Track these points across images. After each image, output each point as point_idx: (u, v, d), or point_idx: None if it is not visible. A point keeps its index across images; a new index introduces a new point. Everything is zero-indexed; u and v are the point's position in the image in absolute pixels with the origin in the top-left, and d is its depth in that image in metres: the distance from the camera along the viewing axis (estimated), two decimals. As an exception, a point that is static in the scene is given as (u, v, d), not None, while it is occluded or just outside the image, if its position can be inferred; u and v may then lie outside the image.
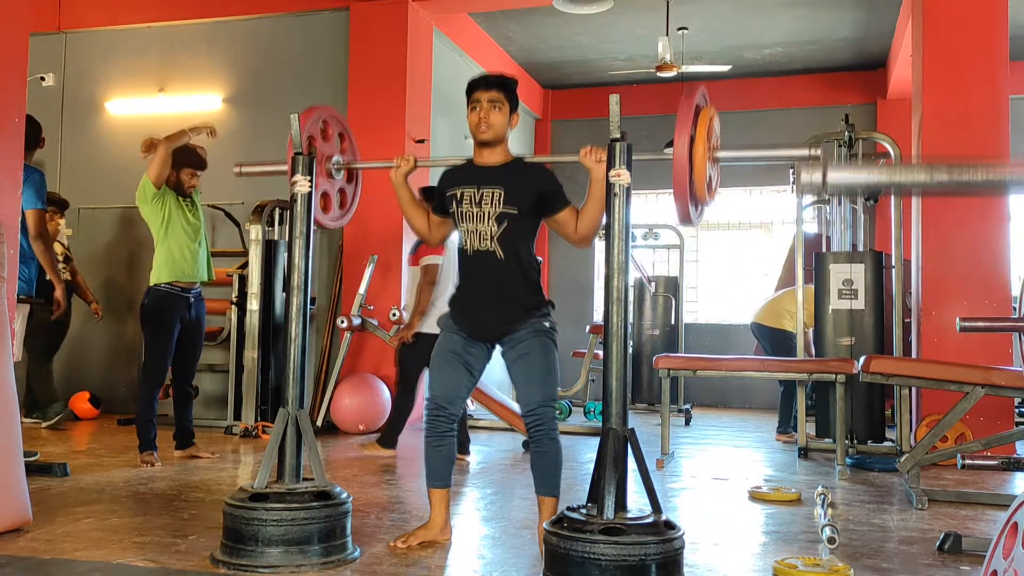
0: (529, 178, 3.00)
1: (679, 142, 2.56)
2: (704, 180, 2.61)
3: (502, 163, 3.03)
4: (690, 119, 2.59)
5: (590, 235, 2.96)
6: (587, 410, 7.79)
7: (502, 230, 2.94)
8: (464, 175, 3.06)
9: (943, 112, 5.79)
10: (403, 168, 3.15)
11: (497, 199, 2.95)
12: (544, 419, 2.92)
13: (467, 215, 2.98)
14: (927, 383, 4.28)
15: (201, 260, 4.96)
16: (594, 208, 2.86)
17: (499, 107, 2.98)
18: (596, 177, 2.81)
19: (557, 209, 2.98)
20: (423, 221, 3.20)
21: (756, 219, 10.17)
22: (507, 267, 2.96)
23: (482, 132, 2.99)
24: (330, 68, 7.35)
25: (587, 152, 2.82)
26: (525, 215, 2.96)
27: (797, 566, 2.76)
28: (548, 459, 2.95)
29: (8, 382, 3.22)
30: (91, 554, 2.86)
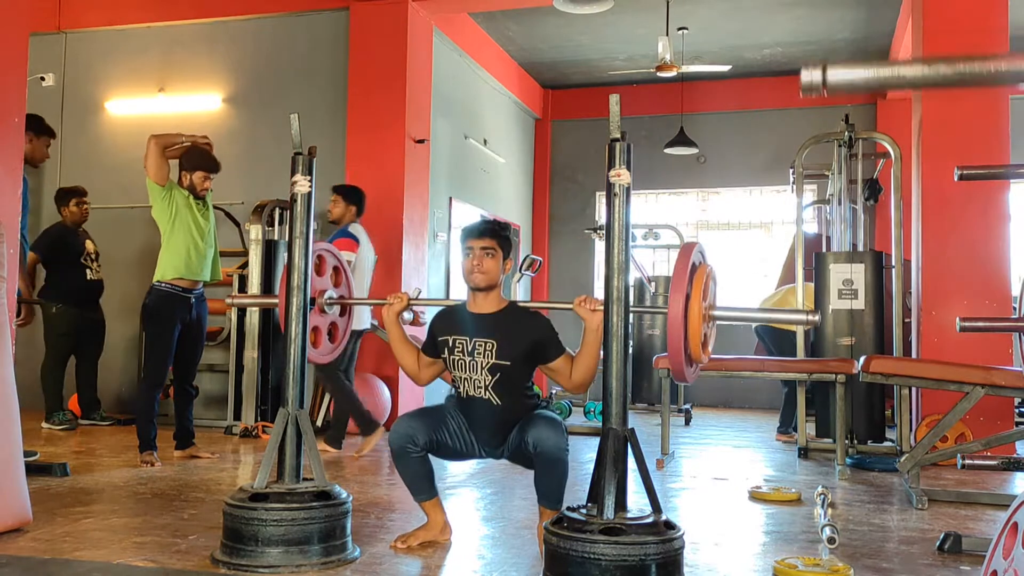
0: (522, 328, 3.00)
1: (674, 301, 2.54)
2: (699, 340, 2.61)
3: (495, 311, 3.03)
4: (685, 277, 2.58)
5: (585, 383, 2.96)
6: (587, 410, 7.79)
7: (495, 380, 2.97)
8: (457, 323, 3.06)
9: (943, 112, 5.79)
10: (395, 307, 3.12)
11: (489, 351, 2.96)
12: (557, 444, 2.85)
13: (460, 363, 3.01)
14: (927, 383, 4.28)
15: (208, 260, 4.97)
16: (589, 357, 2.88)
17: (492, 254, 2.99)
18: (590, 327, 2.83)
19: (551, 358, 3.00)
20: (413, 360, 3.20)
21: (756, 219, 10.17)
22: (503, 409, 2.99)
23: (476, 280, 2.99)
24: (330, 68, 7.35)
25: (581, 300, 2.85)
26: (518, 365, 2.98)
27: (797, 566, 2.76)
28: (555, 477, 2.90)
29: (8, 382, 3.21)
30: (91, 554, 2.86)
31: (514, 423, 2.98)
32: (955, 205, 5.70)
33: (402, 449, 2.98)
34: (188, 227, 4.86)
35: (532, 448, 2.84)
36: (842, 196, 6.14)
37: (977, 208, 5.69)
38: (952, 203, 5.70)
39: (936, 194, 5.77)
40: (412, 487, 3.08)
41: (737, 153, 10.15)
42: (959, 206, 5.70)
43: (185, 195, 4.90)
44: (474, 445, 3.08)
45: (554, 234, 10.76)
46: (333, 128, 7.12)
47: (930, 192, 5.81)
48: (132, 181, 7.19)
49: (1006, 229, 5.73)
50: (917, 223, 6.00)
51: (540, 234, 10.81)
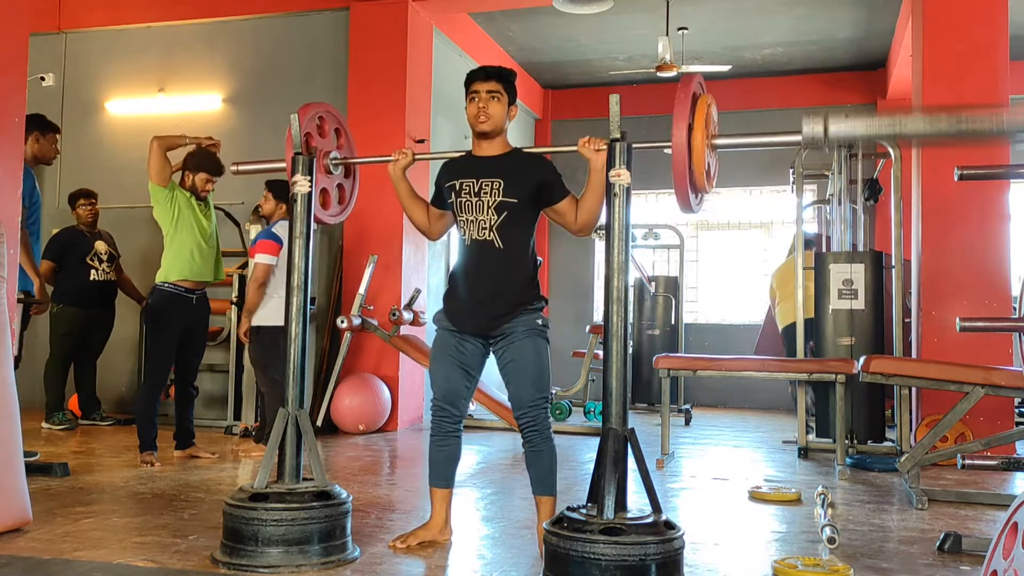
0: (528, 168, 3.01)
1: (677, 129, 2.56)
2: (703, 167, 2.61)
3: (501, 154, 3.04)
4: (687, 107, 2.59)
5: (590, 224, 2.96)
6: (587, 410, 7.79)
7: (501, 219, 2.95)
8: (463, 167, 3.07)
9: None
10: (401, 162, 3.15)
11: (496, 189, 2.95)
12: (537, 419, 2.92)
13: (466, 206, 2.99)
14: (927, 383, 4.28)
15: (211, 261, 4.97)
16: (593, 197, 2.87)
17: (498, 98, 2.99)
18: (595, 166, 2.82)
19: (556, 199, 2.99)
20: (423, 214, 3.20)
21: (756, 219, 10.17)
22: (505, 256, 2.96)
23: (481, 123, 2.99)
24: (330, 68, 7.35)
25: (585, 142, 2.83)
26: (524, 205, 2.97)
27: (797, 566, 2.76)
28: (543, 458, 2.95)
29: (8, 382, 3.21)
30: (91, 554, 2.86)
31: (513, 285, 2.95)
32: (955, 205, 5.70)
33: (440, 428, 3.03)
34: (191, 228, 4.87)
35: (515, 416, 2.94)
36: (842, 196, 6.14)
37: (977, 208, 5.68)
38: (952, 203, 5.70)
39: (936, 194, 5.77)
40: (434, 469, 3.08)
41: (737, 153, 10.14)
42: (959, 206, 5.69)
43: (187, 196, 4.91)
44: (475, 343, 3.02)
45: (554, 234, 10.76)
46: (333, 128, 7.11)
47: (930, 192, 5.81)
48: (132, 181, 7.20)
49: (1006, 229, 5.73)
50: (917, 223, 5.99)
51: (540, 234, 10.79)
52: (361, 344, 6.85)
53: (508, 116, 3.03)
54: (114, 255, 6.74)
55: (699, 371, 5.37)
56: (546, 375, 2.96)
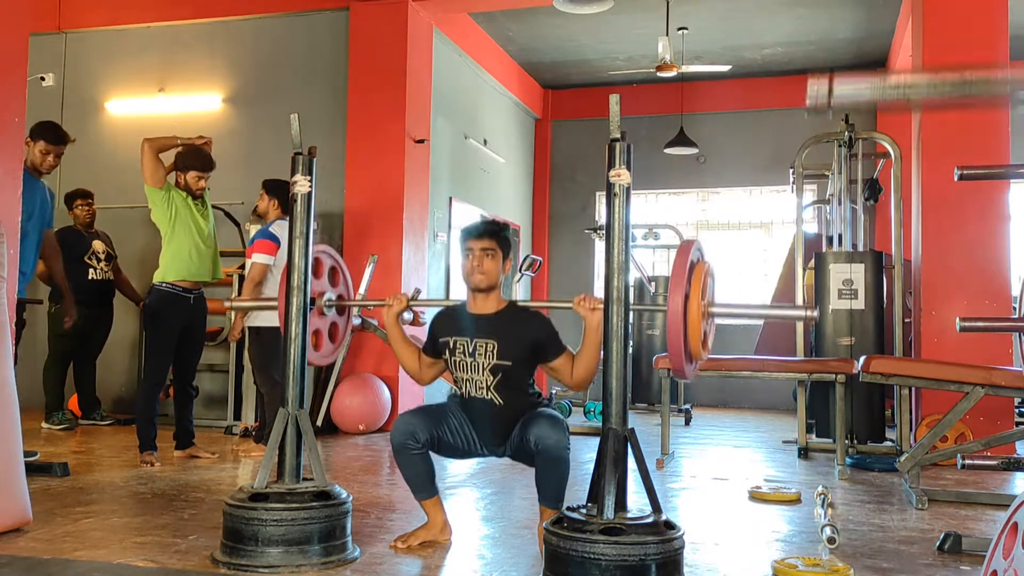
0: (523, 328, 3.02)
1: (673, 300, 2.55)
2: (699, 337, 2.61)
3: (495, 312, 3.04)
4: (684, 275, 2.58)
5: (586, 381, 2.98)
6: (587, 410, 7.79)
7: (497, 380, 2.98)
8: (458, 323, 3.07)
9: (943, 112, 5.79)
10: (395, 308, 3.14)
11: (491, 351, 2.97)
12: (559, 443, 2.85)
13: (461, 365, 3.02)
14: (927, 383, 4.28)
15: (209, 260, 4.97)
16: (589, 355, 2.90)
17: (491, 255, 3.00)
18: (590, 325, 2.84)
19: (551, 357, 3.01)
20: (414, 361, 3.21)
21: (756, 219, 10.17)
22: (505, 409, 3.00)
23: (476, 281, 3.00)
24: (330, 68, 7.35)
25: (581, 300, 2.86)
26: (519, 365, 2.99)
27: (797, 566, 2.76)
28: (556, 475, 2.90)
29: (8, 382, 3.21)
30: (91, 554, 2.86)
31: (516, 422, 2.98)
32: (955, 205, 5.70)
33: (403, 446, 2.98)
34: (188, 228, 4.87)
35: (534, 446, 2.84)
36: (842, 196, 6.14)
37: (977, 208, 5.68)
38: (952, 203, 5.70)
39: (936, 194, 5.77)
40: (413, 485, 3.08)
41: (737, 153, 10.15)
42: (959, 206, 5.69)
43: (183, 196, 4.91)
44: (475, 443, 3.09)
45: (554, 234, 10.76)
46: (333, 128, 7.11)
47: (930, 192, 5.80)
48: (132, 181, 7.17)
49: (1006, 229, 5.72)
50: (917, 223, 5.99)
51: (540, 234, 10.81)
52: (361, 344, 6.85)
53: (503, 270, 3.05)
54: (112, 255, 6.74)
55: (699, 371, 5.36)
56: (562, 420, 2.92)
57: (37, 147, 4.68)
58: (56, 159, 4.79)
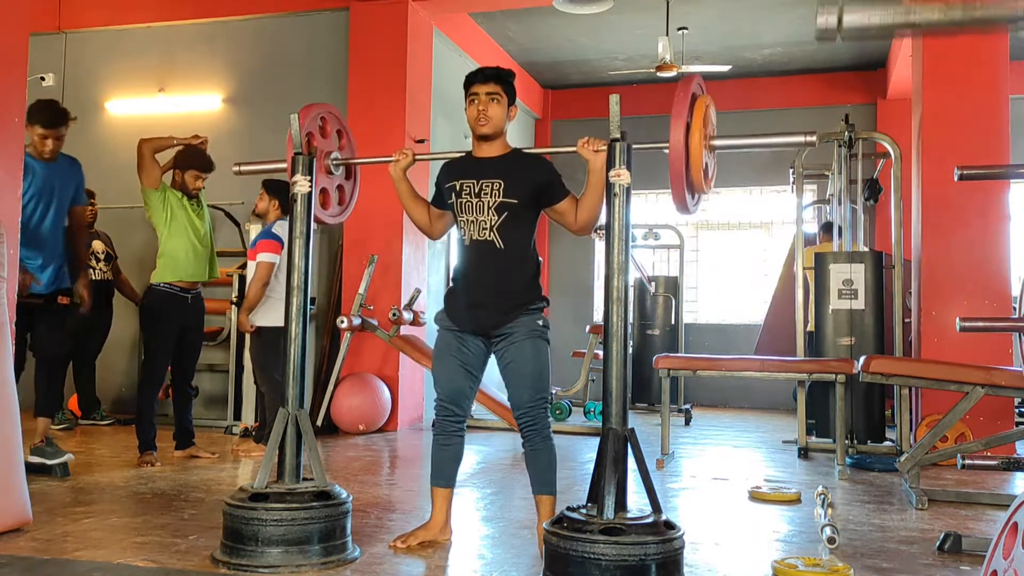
0: (528, 169, 3.02)
1: (675, 130, 2.56)
2: (701, 168, 2.61)
3: (501, 155, 3.05)
4: (686, 107, 2.59)
5: (589, 224, 2.97)
6: (587, 410, 7.79)
7: (501, 220, 2.96)
8: (463, 167, 3.07)
9: (943, 112, 5.79)
10: (402, 162, 3.16)
11: (497, 190, 2.96)
12: (536, 418, 2.94)
13: (466, 206, 3.00)
14: (927, 383, 4.28)
15: (206, 260, 4.97)
16: (593, 197, 2.88)
17: (497, 100, 3.00)
18: (594, 167, 2.83)
19: (556, 199, 3.00)
20: (423, 214, 3.21)
21: (756, 219, 10.17)
22: (506, 256, 2.97)
23: (481, 125, 3.01)
24: (330, 68, 7.35)
25: (584, 143, 2.84)
26: (524, 205, 2.98)
27: (797, 566, 2.76)
28: (542, 457, 2.96)
29: (8, 382, 3.21)
30: (91, 554, 2.86)
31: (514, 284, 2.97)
32: (955, 205, 5.70)
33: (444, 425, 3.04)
34: (184, 228, 4.88)
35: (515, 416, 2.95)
36: (842, 196, 6.14)
37: (977, 208, 5.68)
38: (952, 203, 5.70)
39: (936, 194, 5.77)
40: (436, 468, 3.10)
41: (737, 153, 10.14)
42: (959, 206, 5.69)
43: (179, 196, 4.93)
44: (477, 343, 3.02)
45: (554, 234, 10.76)
46: (333, 128, 7.11)
47: (930, 192, 5.81)
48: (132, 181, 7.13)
49: (1006, 229, 5.72)
50: (917, 223, 5.99)
51: (540, 234, 10.79)
52: (361, 344, 6.85)
53: (508, 117, 3.04)
54: (111, 255, 6.73)
55: (699, 371, 5.37)
56: (545, 376, 2.97)
57: (35, 132, 4.49)
58: (57, 142, 4.58)
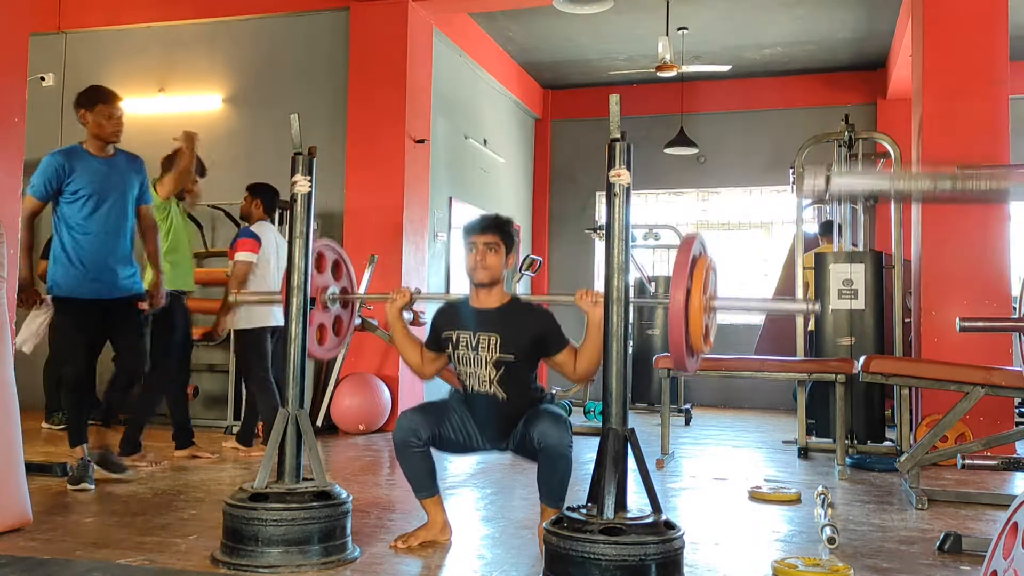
0: (525, 322, 3.02)
1: (675, 294, 2.56)
2: (700, 331, 2.61)
3: (498, 306, 3.05)
4: (687, 271, 2.58)
5: (589, 374, 2.98)
6: (587, 410, 7.79)
7: (500, 374, 2.99)
8: (460, 318, 3.08)
9: (943, 112, 5.79)
10: (398, 302, 3.17)
11: (494, 345, 2.98)
12: (561, 441, 2.85)
13: (464, 359, 3.03)
14: (927, 383, 4.28)
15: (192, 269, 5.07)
16: (592, 350, 2.90)
17: (495, 249, 3.01)
18: (592, 320, 2.85)
19: (554, 352, 3.02)
20: (416, 356, 3.24)
21: (756, 219, 10.17)
22: (508, 404, 3.01)
23: (479, 276, 3.02)
24: (330, 68, 7.35)
25: (582, 295, 2.88)
26: (522, 359, 3.00)
27: (797, 566, 2.76)
28: (558, 475, 2.90)
29: (8, 382, 3.21)
30: (91, 554, 2.86)
31: (519, 418, 2.99)
32: (955, 205, 5.70)
33: (404, 444, 2.98)
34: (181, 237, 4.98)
35: (537, 443, 2.85)
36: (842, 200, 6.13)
37: (977, 208, 5.68)
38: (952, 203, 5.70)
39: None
40: (414, 483, 3.08)
41: (737, 153, 10.15)
42: (959, 206, 5.69)
43: (179, 206, 4.97)
44: (478, 439, 3.10)
45: (554, 234, 10.76)
46: (333, 128, 7.11)
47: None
48: (132, 181, 7.19)
49: (1006, 229, 5.72)
50: (917, 223, 5.99)
51: (540, 234, 10.81)
52: (361, 344, 6.85)
53: (506, 265, 3.05)
54: None
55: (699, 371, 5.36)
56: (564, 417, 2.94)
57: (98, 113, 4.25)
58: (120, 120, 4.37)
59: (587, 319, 2.87)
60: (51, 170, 4.04)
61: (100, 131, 4.20)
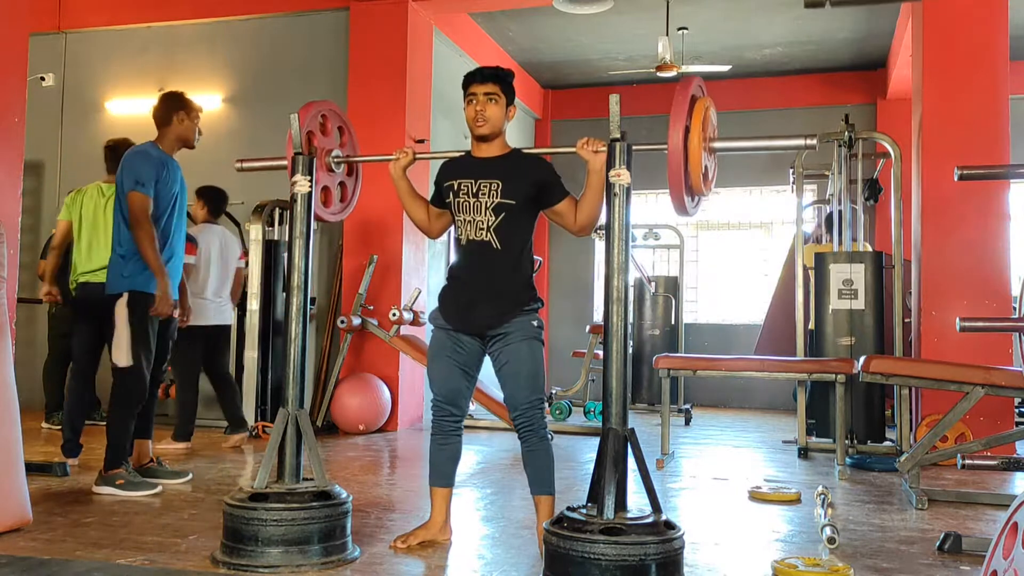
0: (527, 169, 3.01)
1: (674, 132, 2.56)
2: (700, 171, 2.61)
3: (500, 155, 3.04)
4: (685, 109, 2.59)
5: (589, 225, 2.97)
6: (587, 410, 7.79)
7: (499, 220, 2.95)
8: (462, 167, 3.08)
9: (943, 112, 5.79)
10: (402, 161, 3.16)
11: (495, 190, 2.96)
12: (533, 419, 2.93)
13: (464, 206, 2.99)
14: (927, 383, 4.28)
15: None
16: (593, 198, 2.88)
17: (495, 100, 3.00)
18: (593, 168, 2.83)
19: (555, 200, 3.00)
20: (423, 213, 3.22)
21: (756, 219, 10.17)
22: (502, 257, 2.96)
23: (479, 126, 3.00)
24: (330, 68, 7.35)
25: (584, 143, 2.84)
26: (522, 206, 2.97)
27: (797, 566, 2.76)
28: (539, 458, 2.96)
29: (8, 383, 3.21)
30: (91, 554, 2.86)
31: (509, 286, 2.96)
32: (955, 205, 5.70)
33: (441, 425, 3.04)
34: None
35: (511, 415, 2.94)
36: (842, 196, 6.14)
37: (977, 208, 5.68)
38: (952, 203, 5.70)
39: (936, 194, 5.77)
40: (435, 469, 3.09)
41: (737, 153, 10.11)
42: (959, 206, 5.69)
43: None
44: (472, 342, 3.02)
45: (554, 234, 10.75)
46: (333, 128, 7.11)
47: (930, 192, 5.81)
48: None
49: (1006, 229, 5.72)
50: (917, 223, 5.99)
51: (540, 234, 10.78)
52: (361, 344, 6.85)
53: (506, 117, 3.04)
54: None
55: (699, 371, 5.37)
56: (540, 377, 2.97)
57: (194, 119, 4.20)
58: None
59: (588, 166, 2.84)
60: (159, 166, 4.01)
61: (190, 136, 4.19)
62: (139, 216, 3.89)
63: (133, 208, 3.90)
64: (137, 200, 3.90)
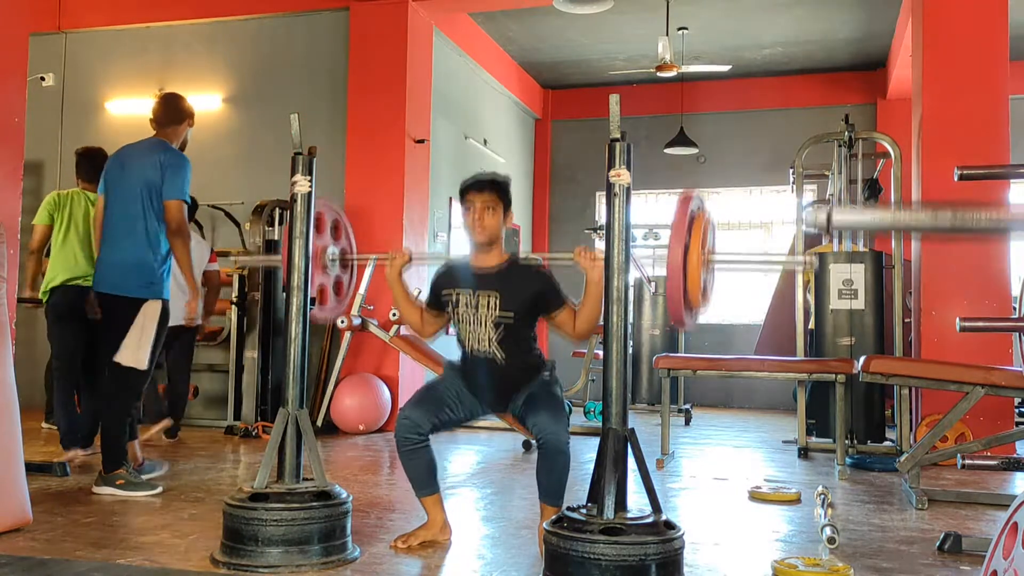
0: (525, 281, 3.03)
1: (673, 251, 2.56)
2: (698, 288, 2.62)
3: (497, 265, 3.05)
4: (684, 227, 2.59)
5: (588, 333, 2.99)
6: (587, 410, 7.79)
7: (500, 333, 2.98)
8: (460, 277, 3.09)
9: (943, 112, 5.79)
10: (397, 262, 3.17)
11: (493, 304, 2.98)
12: (559, 438, 2.87)
13: (464, 318, 3.02)
14: (927, 383, 4.28)
15: None
16: (591, 308, 2.90)
17: (492, 209, 3.02)
18: (591, 279, 2.85)
19: (553, 310, 3.02)
20: (417, 317, 3.24)
21: (756, 219, 10.17)
22: (507, 365, 3.01)
23: (477, 235, 3.02)
24: (330, 68, 7.35)
25: (581, 251, 2.87)
26: (521, 318, 3.00)
27: (797, 566, 2.76)
28: (556, 472, 2.91)
29: (8, 383, 3.21)
30: (91, 554, 2.86)
31: (519, 381, 2.99)
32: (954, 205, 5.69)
33: (406, 440, 2.99)
34: None
35: (536, 438, 2.88)
36: (842, 196, 6.14)
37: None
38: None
39: (936, 194, 5.77)
40: (415, 482, 3.09)
41: (737, 153, 10.15)
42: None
43: None
44: (478, 407, 3.09)
45: (554, 234, 10.76)
46: (333, 128, 7.11)
47: (930, 192, 5.80)
48: (132, 181, 7.19)
49: (1006, 229, 5.71)
50: (917, 223, 5.98)
51: (540, 234, 10.81)
52: (361, 344, 6.85)
53: (504, 223, 3.06)
54: None
55: (699, 371, 5.37)
56: (564, 410, 2.97)
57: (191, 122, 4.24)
58: None
59: (586, 277, 2.86)
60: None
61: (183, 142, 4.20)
62: (183, 227, 3.93)
63: (179, 219, 3.89)
64: (183, 211, 3.92)
